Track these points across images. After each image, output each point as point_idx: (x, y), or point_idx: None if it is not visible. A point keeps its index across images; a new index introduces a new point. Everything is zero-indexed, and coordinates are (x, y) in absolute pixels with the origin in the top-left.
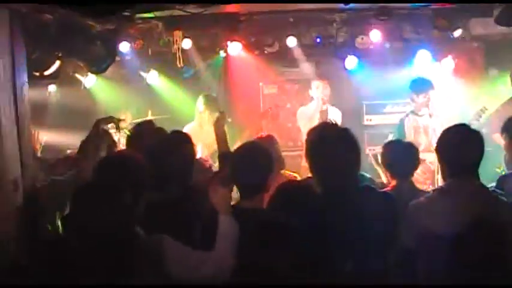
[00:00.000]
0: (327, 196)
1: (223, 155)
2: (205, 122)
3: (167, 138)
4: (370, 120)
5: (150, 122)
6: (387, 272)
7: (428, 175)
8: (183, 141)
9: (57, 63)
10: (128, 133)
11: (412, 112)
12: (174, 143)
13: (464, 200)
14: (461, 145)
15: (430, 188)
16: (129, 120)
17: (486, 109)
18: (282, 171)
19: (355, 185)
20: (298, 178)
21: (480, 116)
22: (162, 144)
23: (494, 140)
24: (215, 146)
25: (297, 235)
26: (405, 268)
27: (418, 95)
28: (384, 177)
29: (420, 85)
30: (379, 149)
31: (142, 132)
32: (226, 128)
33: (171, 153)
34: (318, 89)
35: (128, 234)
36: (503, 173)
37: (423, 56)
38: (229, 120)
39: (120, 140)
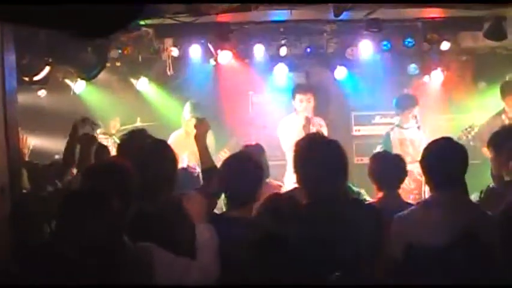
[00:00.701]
0: (314, 207)
1: (207, 170)
2: (191, 130)
3: (147, 148)
4: (359, 130)
5: (141, 130)
6: (373, 283)
7: (416, 186)
8: (162, 150)
9: (47, 68)
10: (118, 141)
11: (398, 125)
12: (153, 152)
13: (449, 213)
14: (444, 158)
15: (417, 199)
16: (117, 127)
17: (476, 126)
18: (268, 180)
19: (342, 197)
20: (283, 187)
21: (469, 133)
22: (142, 154)
23: (484, 153)
24: None
25: (284, 245)
26: (392, 280)
27: (403, 111)
28: None
29: (404, 103)
30: (367, 160)
31: (133, 140)
32: (212, 136)
33: (150, 163)
34: (302, 103)
35: (115, 243)
36: None
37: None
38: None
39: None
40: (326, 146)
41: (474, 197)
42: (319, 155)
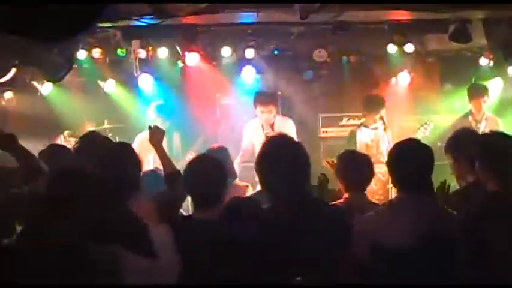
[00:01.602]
0: (276, 209)
1: (169, 175)
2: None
3: (109, 150)
4: (326, 132)
5: (93, 132)
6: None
7: (380, 186)
8: (125, 152)
9: (14, 70)
10: (75, 145)
11: (364, 125)
12: (116, 154)
13: (414, 214)
14: (410, 159)
15: (382, 200)
16: (85, 126)
17: (431, 122)
18: (234, 182)
19: (305, 198)
20: (250, 188)
21: (426, 129)
22: (105, 156)
23: None
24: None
25: (244, 247)
26: (358, 281)
27: (370, 112)
28: None
29: (371, 103)
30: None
31: (88, 143)
32: (179, 138)
33: (113, 166)
34: (263, 115)
35: (80, 247)
36: None
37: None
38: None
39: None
40: (285, 148)
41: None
42: (278, 157)
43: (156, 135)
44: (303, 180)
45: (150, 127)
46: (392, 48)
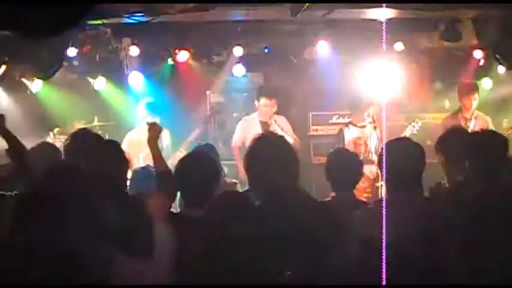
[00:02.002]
0: (264, 206)
1: (161, 174)
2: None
3: (96, 149)
4: (316, 130)
5: (84, 129)
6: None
7: (369, 185)
8: (112, 150)
9: (3, 67)
10: (65, 142)
11: (352, 124)
12: (104, 153)
13: (405, 212)
14: (402, 158)
15: (370, 198)
16: (75, 123)
17: (419, 120)
18: (223, 179)
19: (293, 195)
20: (239, 185)
21: (414, 127)
22: (92, 155)
23: None
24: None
25: (238, 244)
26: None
27: (359, 110)
28: None
29: (360, 101)
30: (324, 160)
31: (78, 141)
32: (169, 135)
33: (101, 163)
34: (266, 108)
35: (72, 246)
36: None
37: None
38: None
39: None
40: (273, 144)
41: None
42: (265, 154)
43: (152, 132)
44: (291, 177)
45: (149, 123)
46: (382, 46)
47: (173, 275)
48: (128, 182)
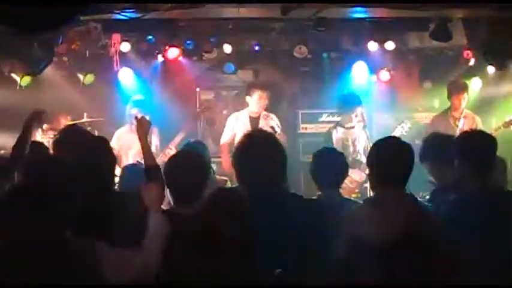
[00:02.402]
0: (252, 202)
1: (150, 169)
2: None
3: (85, 144)
4: (306, 128)
5: (74, 125)
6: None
7: (357, 185)
8: (100, 146)
9: None
10: (54, 137)
11: (340, 124)
12: (91, 149)
13: (392, 212)
14: (390, 157)
15: (358, 197)
16: (64, 120)
17: (408, 120)
18: (213, 176)
19: (279, 192)
20: (229, 183)
21: (402, 128)
22: (81, 150)
23: None
24: None
25: (229, 241)
26: (337, 277)
27: (347, 110)
28: None
29: (347, 101)
30: None
31: (68, 136)
32: (157, 132)
33: (90, 159)
34: (261, 100)
35: (57, 239)
36: None
37: (360, 67)
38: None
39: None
40: (262, 142)
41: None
42: (254, 151)
43: (142, 127)
44: (279, 174)
45: (138, 118)
46: (372, 46)
47: (163, 269)
48: (117, 179)
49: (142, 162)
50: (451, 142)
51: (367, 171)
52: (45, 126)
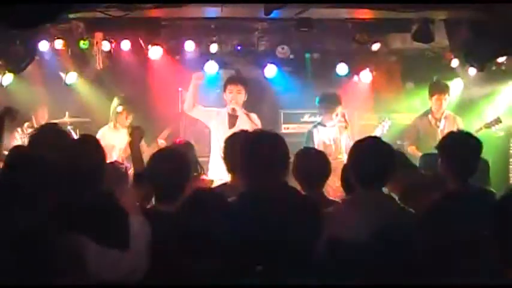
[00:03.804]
0: (251, 197)
1: (139, 174)
2: (121, 124)
3: (74, 143)
4: (288, 128)
5: (53, 124)
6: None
7: (339, 186)
8: (91, 145)
9: None
10: (31, 135)
11: (321, 124)
12: (82, 147)
13: (371, 212)
14: (370, 157)
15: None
16: (46, 118)
17: (388, 119)
18: (201, 177)
19: (280, 188)
20: (215, 182)
21: (383, 127)
22: (70, 149)
23: (410, 151)
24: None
25: (211, 239)
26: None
27: (326, 110)
28: None
29: (327, 101)
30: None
31: (45, 134)
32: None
33: (79, 157)
34: (231, 94)
35: (43, 236)
36: None
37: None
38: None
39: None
40: (268, 139)
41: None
42: (261, 147)
43: (136, 135)
44: (281, 171)
45: (133, 127)
46: (355, 46)
47: (146, 266)
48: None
49: (120, 161)
50: None
51: None
52: (26, 124)
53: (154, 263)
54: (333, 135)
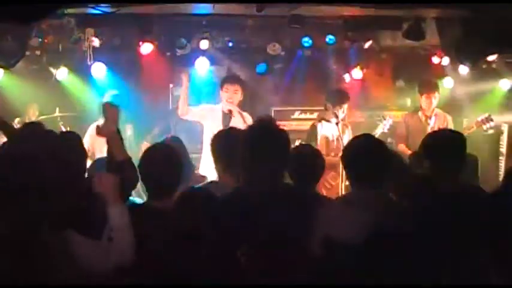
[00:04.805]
0: (248, 191)
1: (120, 163)
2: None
3: (53, 139)
4: (279, 125)
5: (37, 123)
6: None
7: (339, 182)
8: (71, 141)
9: None
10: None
11: (325, 119)
12: (62, 143)
13: (365, 210)
14: (363, 155)
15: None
16: (36, 114)
17: (390, 118)
18: (193, 173)
19: (278, 184)
20: (208, 179)
21: (385, 125)
22: (49, 145)
23: (400, 149)
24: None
25: (202, 237)
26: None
27: (334, 106)
28: None
29: (337, 97)
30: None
31: (28, 133)
32: (132, 128)
33: (60, 153)
34: (228, 93)
35: (32, 232)
36: None
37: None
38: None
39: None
40: (270, 133)
41: None
42: (264, 140)
43: (111, 113)
44: (280, 166)
45: (108, 103)
46: (346, 44)
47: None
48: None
49: None
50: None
51: None
52: (17, 120)
53: (147, 260)
54: (336, 132)
